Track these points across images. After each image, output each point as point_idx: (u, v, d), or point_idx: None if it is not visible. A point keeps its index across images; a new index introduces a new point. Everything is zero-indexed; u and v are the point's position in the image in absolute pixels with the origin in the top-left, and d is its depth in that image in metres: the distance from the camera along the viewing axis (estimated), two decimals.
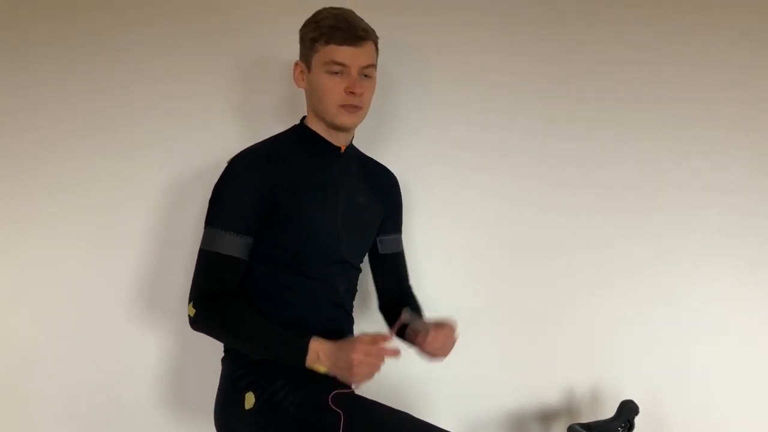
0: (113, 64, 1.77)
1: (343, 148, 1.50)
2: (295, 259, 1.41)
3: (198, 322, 1.36)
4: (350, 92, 1.39)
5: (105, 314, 1.76)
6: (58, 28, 1.76)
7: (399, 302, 1.55)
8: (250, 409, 1.34)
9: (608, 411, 1.56)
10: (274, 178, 1.39)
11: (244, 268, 1.38)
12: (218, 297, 1.35)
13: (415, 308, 1.57)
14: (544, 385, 1.84)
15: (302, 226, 1.40)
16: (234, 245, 1.36)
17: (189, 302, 1.36)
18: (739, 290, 1.86)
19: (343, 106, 1.40)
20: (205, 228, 1.38)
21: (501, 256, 1.85)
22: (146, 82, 1.78)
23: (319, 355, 1.28)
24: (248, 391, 1.35)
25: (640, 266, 1.86)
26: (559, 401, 1.84)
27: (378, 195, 1.58)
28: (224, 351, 1.47)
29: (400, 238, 1.66)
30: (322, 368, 1.28)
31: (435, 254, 1.82)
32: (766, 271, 1.86)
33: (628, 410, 1.50)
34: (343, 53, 1.38)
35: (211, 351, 1.53)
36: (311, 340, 1.29)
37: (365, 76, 1.42)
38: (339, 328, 1.48)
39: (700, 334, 1.85)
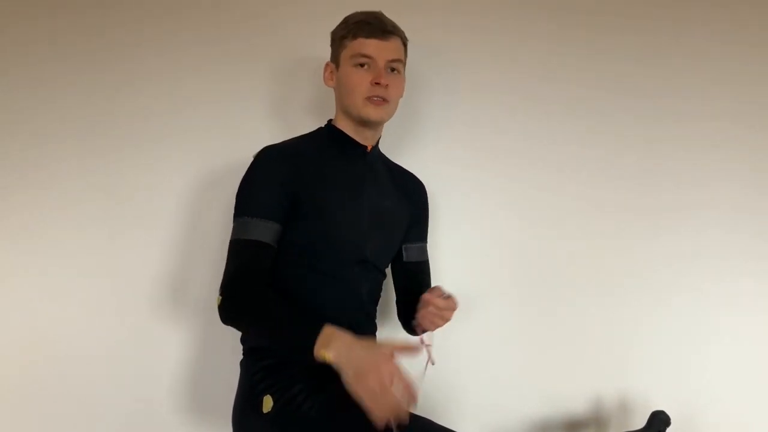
0: (147, 63, 1.80)
1: (369, 148, 1.50)
2: (317, 257, 1.40)
3: (223, 309, 1.30)
4: (376, 83, 1.41)
5: (124, 315, 1.77)
6: (92, 26, 1.80)
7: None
8: (268, 412, 1.32)
9: (638, 422, 1.53)
10: (298, 173, 1.39)
11: (272, 254, 1.36)
12: (245, 283, 1.30)
13: None
14: (571, 394, 1.80)
15: (326, 223, 1.39)
16: (261, 230, 1.34)
17: (219, 293, 1.31)
18: None
19: (369, 98, 1.42)
20: (235, 219, 1.37)
21: (526, 262, 1.82)
22: (178, 81, 1.80)
23: (331, 341, 1.18)
24: (266, 395, 1.34)
25: (675, 271, 1.81)
26: (587, 411, 1.80)
27: (405, 200, 1.58)
28: (243, 354, 1.46)
29: (426, 247, 1.65)
30: (329, 355, 1.17)
31: (458, 259, 1.81)
32: None
33: (659, 422, 1.46)
34: (370, 45, 1.42)
35: (230, 353, 1.53)
36: (324, 326, 1.20)
37: (392, 70, 1.45)
38: (360, 332, 1.45)
39: (735, 343, 1.80)
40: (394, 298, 1.66)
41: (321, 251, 1.40)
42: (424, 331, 1.47)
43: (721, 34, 1.83)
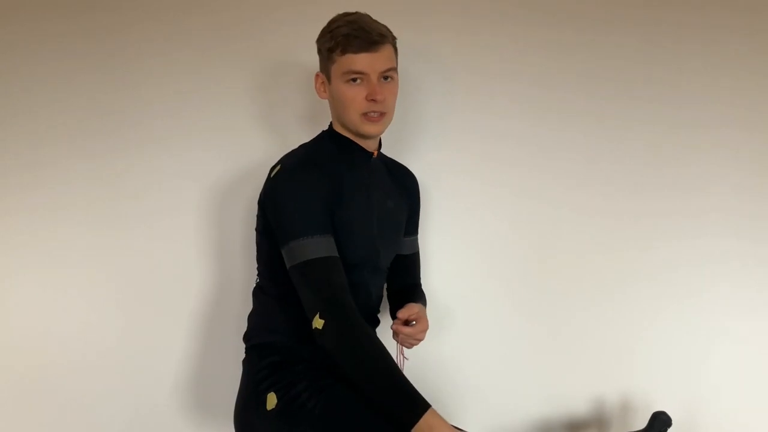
0: (147, 64, 1.79)
1: (375, 154, 1.49)
2: None
3: (325, 336, 1.26)
4: (371, 99, 1.36)
5: (126, 314, 1.78)
6: (86, 29, 1.80)
7: (406, 295, 1.58)
8: (272, 409, 1.33)
9: (639, 422, 1.53)
10: (328, 187, 1.36)
11: (342, 267, 1.33)
12: (345, 308, 1.27)
13: (420, 299, 1.59)
14: (572, 395, 1.81)
15: (346, 231, 1.38)
16: (326, 246, 1.31)
17: (314, 315, 1.27)
18: None
19: (366, 115, 1.38)
20: (289, 243, 1.31)
21: (529, 264, 1.82)
22: (178, 83, 1.79)
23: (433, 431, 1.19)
24: (270, 392, 1.34)
25: (676, 271, 1.81)
26: (589, 412, 1.80)
27: (402, 196, 1.59)
28: (246, 351, 1.47)
29: (417, 238, 1.68)
30: None
31: (458, 261, 1.81)
32: None
33: (660, 422, 1.45)
34: (361, 61, 1.35)
35: (232, 351, 1.54)
36: (429, 410, 1.20)
37: (385, 78, 1.39)
38: None
39: (735, 343, 1.80)
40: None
41: (343, 260, 1.36)
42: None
43: (725, 39, 1.82)
